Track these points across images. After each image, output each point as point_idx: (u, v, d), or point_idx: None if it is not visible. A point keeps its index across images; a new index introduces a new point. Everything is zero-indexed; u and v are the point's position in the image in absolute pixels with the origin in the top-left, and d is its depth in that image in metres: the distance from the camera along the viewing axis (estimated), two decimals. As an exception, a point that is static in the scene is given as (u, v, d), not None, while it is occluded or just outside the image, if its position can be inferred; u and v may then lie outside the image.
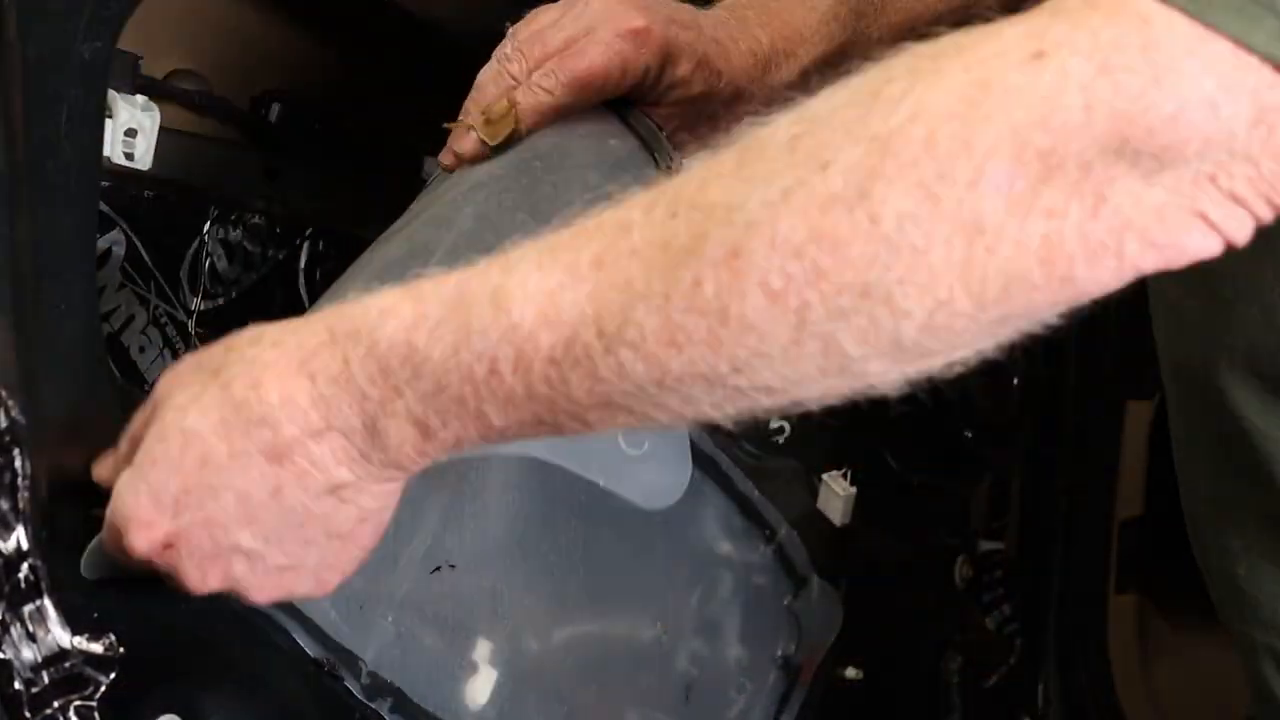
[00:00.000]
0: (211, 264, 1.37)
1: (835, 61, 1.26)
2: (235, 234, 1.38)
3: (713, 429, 1.40)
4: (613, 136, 1.23)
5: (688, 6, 1.26)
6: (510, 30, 1.27)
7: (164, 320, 1.33)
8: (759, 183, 0.79)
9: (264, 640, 1.12)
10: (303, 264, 1.45)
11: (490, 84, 1.21)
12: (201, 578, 0.95)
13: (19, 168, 1.01)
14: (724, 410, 0.83)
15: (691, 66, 1.22)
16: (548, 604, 1.36)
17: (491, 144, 1.22)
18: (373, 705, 1.22)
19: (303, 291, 1.45)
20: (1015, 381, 1.96)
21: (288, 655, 1.12)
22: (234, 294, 1.39)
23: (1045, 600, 2.07)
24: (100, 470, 1.02)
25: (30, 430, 1.00)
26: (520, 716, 1.34)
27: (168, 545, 0.93)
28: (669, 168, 1.20)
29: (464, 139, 1.21)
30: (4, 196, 1.00)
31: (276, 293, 1.43)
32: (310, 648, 1.14)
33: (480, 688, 1.32)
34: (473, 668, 1.32)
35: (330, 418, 0.88)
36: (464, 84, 1.48)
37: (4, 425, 0.99)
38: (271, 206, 1.41)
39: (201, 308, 1.36)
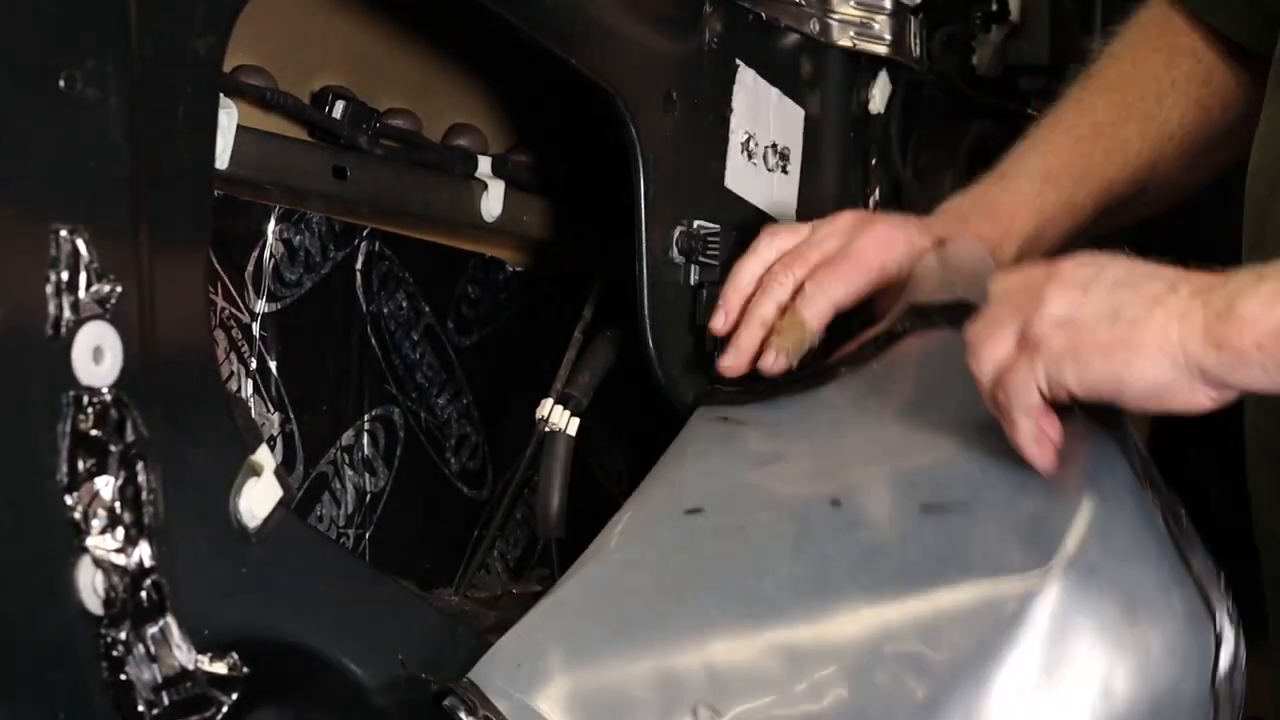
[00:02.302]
0: (275, 265, 1.32)
1: (1044, 231, 1.44)
2: (299, 235, 1.34)
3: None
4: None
5: (924, 221, 1.40)
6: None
7: (230, 323, 1.28)
8: None
9: (378, 660, 1.09)
10: (359, 264, 1.40)
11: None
12: None
13: (140, 168, 0.96)
14: None
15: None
16: None
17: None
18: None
19: (359, 294, 1.41)
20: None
21: (404, 675, 1.09)
22: (296, 296, 1.34)
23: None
24: None
25: (153, 443, 0.96)
26: None
27: None
28: None
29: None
30: (126, 199, 0.96)
31: (336, 296, 1.38)
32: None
33: None
34: None
35: None
36: (529, 80, 1.45)
37: (130, 439, 0.95)
38: (334, 206, 1.36)
39: (265, 310, 1.31)
